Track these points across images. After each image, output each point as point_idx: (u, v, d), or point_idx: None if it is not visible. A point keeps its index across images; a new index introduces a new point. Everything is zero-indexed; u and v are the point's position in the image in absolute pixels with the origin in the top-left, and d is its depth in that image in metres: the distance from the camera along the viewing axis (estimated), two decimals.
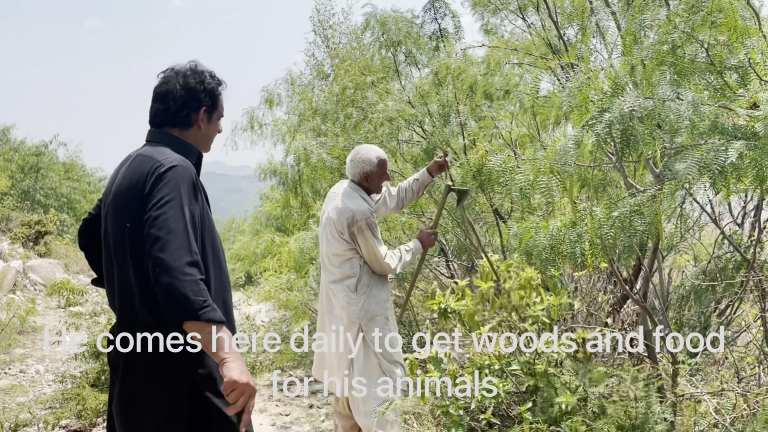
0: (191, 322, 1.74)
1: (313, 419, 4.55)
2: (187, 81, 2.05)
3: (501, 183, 2.51)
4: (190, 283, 1.73)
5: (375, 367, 3.32)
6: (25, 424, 4.42)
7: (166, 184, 1.84)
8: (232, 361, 1.77)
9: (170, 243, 1.75)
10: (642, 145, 2.16)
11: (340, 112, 5.79)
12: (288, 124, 7.28)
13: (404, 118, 5.12)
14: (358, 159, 3.37)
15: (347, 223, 3.22)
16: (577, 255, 2.50)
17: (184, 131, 2.07)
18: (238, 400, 1.77)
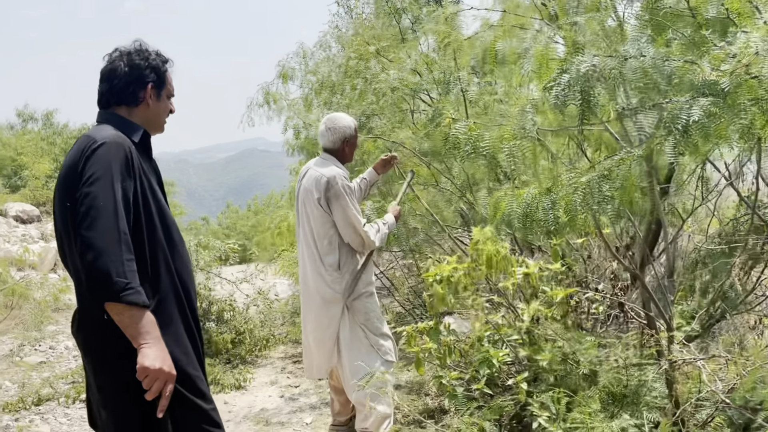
0: (112, 303, 1.73)
1: (321, 391, 4.60)
2: (131, 59, 2.03)
3: (466, 152, 2.44)
4: (115, 263, 1.71)
5: (362, 342, 3.32)
6: (48, 399, 4.61)
7: (96, 162, 1.81)
8: (148, 347, 1.75)
9: (97, 221, 1.72)
10: (602, 108, 2.06)
11: (346, 83, 5.72)
12: (304, 98, 7.26)
13: (409, 87, 5.03)
14: (337, 125, 3.36)
15: (324, 189, 3.18)
16: (550, 222, 2.42)
17: (133, 109, 2.05)
18: (153, 386, 1.76)
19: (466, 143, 2.39)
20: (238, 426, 4.12)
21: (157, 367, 1.76)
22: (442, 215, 5.30)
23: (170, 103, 2.17)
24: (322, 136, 3.40)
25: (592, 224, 3.00)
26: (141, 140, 2.04)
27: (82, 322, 1.95)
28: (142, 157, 2.02)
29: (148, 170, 2.02)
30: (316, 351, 3.35)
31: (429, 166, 5.00)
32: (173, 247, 2.04)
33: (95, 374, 1.95)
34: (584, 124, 2.03)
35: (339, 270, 3.25)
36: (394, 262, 6.86)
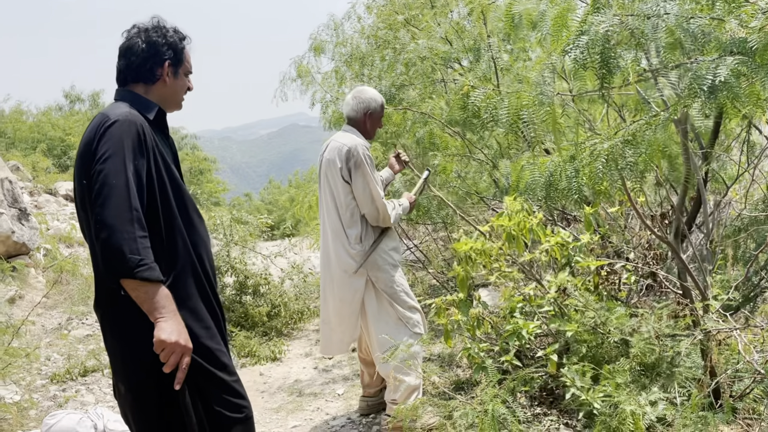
0: (127, 279, 1.75)
1: (353, 363, 4.65)
2: (149, 35, 2.03)
3: (485, 119, 2.37)
4: (128, 240, 1.73)
5: (389, 315, 3.31)
6: (93, 370, 4.79)
7: (109, 139, 1.82)
8: (164, 321, 1.78)
9: (109, 199, 1.74)
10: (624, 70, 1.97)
11: (376, 54, 5.65)
12: (336, 70, 7.21)
13: (439, 56, 4.93)
14: (363, 96, 3.34)
15: (345, 159, 3.16)
16: (573, 191, 2.35)
17: (150, 86, 2.06)
18: (169, 359, 1.80)
19: (485, 111, 2.32)
20: (272, 396, 4.21)
21: (173, 340, 1.79)
22: (477, 185, 5.24)
23: (188, 80, 2.17)
24: (346, 105, 3.38)
25: (622, 192, 2.91)
26: (156, 117, 2.04)
27: (100, 297, 1.99)
28: (157, 134, 2.03)
29: (162, 147, 2.02)
30: (338, 326, 3.34)
31: (462, 136, 4.93)
32: (189, 223, 2.05)
33: (113, 348, 1.99)
34: (605, 88, 1.94)
35: (361, 243, 3.23)
36: (428, 235, 6.83)
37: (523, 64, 4.39)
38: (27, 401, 4.00)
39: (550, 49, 2.10)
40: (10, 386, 4.19)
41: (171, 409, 1.94)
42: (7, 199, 6.80)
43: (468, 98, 2.43)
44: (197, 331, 2.00)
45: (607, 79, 1.97)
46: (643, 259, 3.31)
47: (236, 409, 2.10)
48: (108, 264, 1.75)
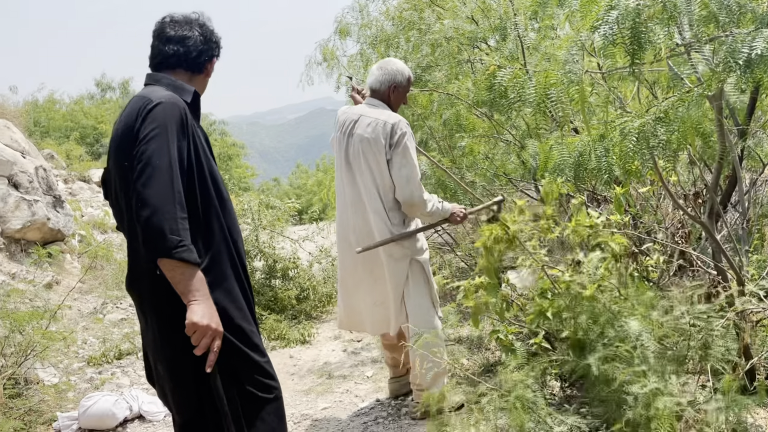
0: (165, 259, 1.77)
1: None
2: (203, 30, 2.13)
3: (512, 99, 2.33)
4: (169, 220, 1.75)
5: (425, 299, 3.23)
6: (128, 353, 4.89)
7: (152, 121, 1.85)
8: (197, 304, 1.80)
9: (152, 179, 1.77)
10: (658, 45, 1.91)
11: (401, 36, 5.60)
12: (361, 53, 7.17)
13: (465, 36, 4.86)
14: (390, 68, 3.15)
15: (390, 133, 2.94)
16: (603, 171, 2.30)
17: (194, 76, 2.14)
18: (201, 342, 1.82)
19: (512, 91, 2.28)
20: (302, 379, 4.25)
21: (205, 323, 1.81)
22: (504, 167, 5.18)
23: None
24: (371, 75, 3.18)
25: (653, 171, 2.84)
26: (192, 101, 2.07)
27: (136, 278, 2.01)
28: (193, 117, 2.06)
29: (198, 129, 2.06)
30: (393, 307, 3.20)
31: (489, 117, 4.87)
32: (224, 206, 2.08)
33: (150, 329, 2.03)
34: (635, 65, 1.89)
35: (405, 225, 3.12)
36: None
37: (551, 42, 4.30)
38: (65, 383, 4.11)
39: (579, 25, 2.05)
40: (48, 369, 4.31)
41: (206, 387, 1.97)
42: (42, 187, 6.95)
43: (494, 78, 2.39)
44: (232, 312, 2.03)
45: (638, 55, 1.92)
46: (673, 239, 3.23)
47: (267, 389, 2.13)
48: (148, 242, 1.77)
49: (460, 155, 4.89)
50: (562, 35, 4.29)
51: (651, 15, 1.89)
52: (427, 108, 5.19)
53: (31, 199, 6.56)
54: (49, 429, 3.61)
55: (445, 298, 5.33)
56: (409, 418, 3.42)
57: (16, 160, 6.70)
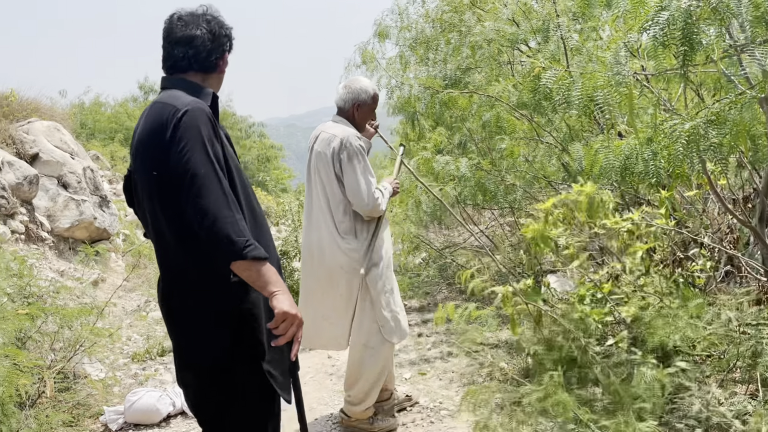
0: (238, 261, 1.78)
1: (420, 347, 4.67)
2: (211, 26, 2.03)
3: (557, 102, 2.30)
4: (231, 224, 1.77)
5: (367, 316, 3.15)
6: (171, 350, 4.99)
7: (186, 129, 1.83)
8: (281, 293, 1.82)
9: (204, 188, 1.77)
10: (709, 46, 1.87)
11: (441, 38, 5.60)
12: (400, 56, 7.20)
13: (506, 38, 4.83)
14: (354, 86, 3.16)
15: (337, 150, 2.98)
16: (650, 174, 2.27)
17: (208, 76, 2.07)
18: (287, 331, 1.83)
19: (557, 93, 2.26)
20: (340, 379, 4.27)
21: (294, 312, 1.83)
22: (545, 169, 5.13)
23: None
24: (336, 94, 3.22)
25: (700, 175, 2.79)
26: (212, 104, 2.03)
27: (169, 290, 2.00)
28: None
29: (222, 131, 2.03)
30: (338, 321, 3.17)
31: (530, 119, 4.83)
32: (253, 209, 2.06)
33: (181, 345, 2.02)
34: (686, 66, 1.86)
35: (356, 238, 3.08)
36: (494, 220, 6.76)
37: (595, 44, 4.25)
38: (111, 378, 4.22)
39: (627, 26, 2.02)
40: (95, 364, 4.43)
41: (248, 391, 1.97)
42: (89, 187, 7.16)
43: (539, 80, 2.37)
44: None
45: (689, 56, 1.88)
46: (721, 244, 3.16)
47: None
48: (218, 250, 1.78)
49: (500, 157, 4.86)
50: (605, 37, 4.24)
51: (702, 16, 1.86)
52: (466, 110, 5.18)
53: (79, 199, 6.76)
54: (95, 422, 3.71)
55: (484, 302, 5.31)
56: (448, 418, 3.42)
57: (65, 161, 6.91)
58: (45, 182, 6.61)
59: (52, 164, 6.74)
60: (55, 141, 7.15)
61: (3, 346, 3.16)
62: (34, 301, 3.97)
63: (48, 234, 6.35)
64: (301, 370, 4.48)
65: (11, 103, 7.49)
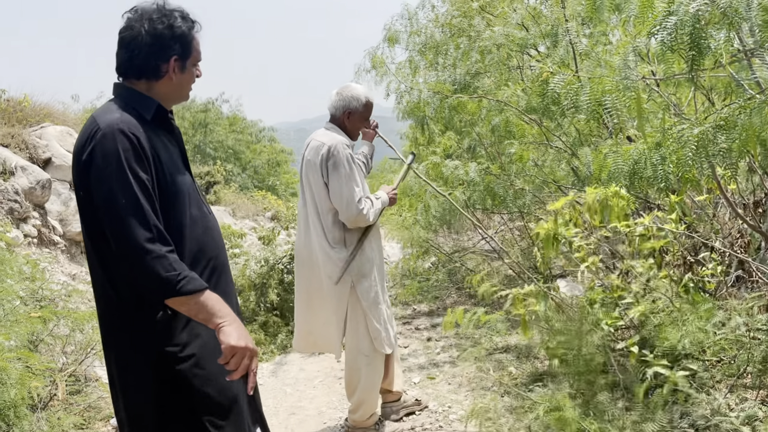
0: (173, 298, 1.65)
1: (429, 351, 4.67)
2: (153, 26, 1.78)
3: (565, 106, 2.30)
4: (157, 260, 1.61)
5: (360, 327, 3.15)
6: None
7: (104, 155, 1.66)
8: (227, 325, 1.67)
9: (124, 222, 1.61)
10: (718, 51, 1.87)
11: (450, 43, 5.61)
12: (410, 60, 7.21)
13: (515, 43, 4.83)
14: (345, 93, 3.16)
15: (325, 156, 2.98)
16: (659, 179, 2.26)
17: (153, 83, 1.83)
18: (239, 365, 1.67)
19: (565, 98, 2.26)
20: None
21: (243, 344, 1.67)
22: (554, 174, 5.12)
23: (197, 69, 1.93)
24: (328, 101, 3.23)
25: (710, 179, 2.78)
26: (155, 116, 1.84)
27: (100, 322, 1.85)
28: (158, 133, 1.84)
29: (165, 147, 1.83)
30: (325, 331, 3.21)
31: (539, 123, 4.83)
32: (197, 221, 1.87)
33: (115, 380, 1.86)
34: (694, 71, 1.86)
35: (345, 247, 3.08)
36: (503, 225, 6.75)
37: (604, 48, 4.25)
38: None
39: (635, 31, 2.03)
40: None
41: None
42: None
43: (547, 85, 2.38)
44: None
45: (697, 61, 1.88)
46: (732, 249, 3.14)
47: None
48: (148, 289, 1.65)
49: (509, 162, 4.86)
50: (615, 41, 4.24)
51: (710, 20, 1.86)
52: (475, 114, 5.18)
53: None
54: (106, 425, 3.74)
55: (494, 306, 5.30)
56: (456, 423, 3.42)
57: None
58: (57, 187, 6.67)
59: (65, 169, 6.81)
60: (67, 146, 7.22)
61: (16, 348, 3.20)
62: (47, 304, 4.01)
63: (60, 238, 6.41)
64: (310, 374, 4.51)
65: (24, 108, 7.57)
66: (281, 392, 4.25)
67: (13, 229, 5.57)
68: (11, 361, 2.97)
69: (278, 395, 4.20)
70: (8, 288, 3.59)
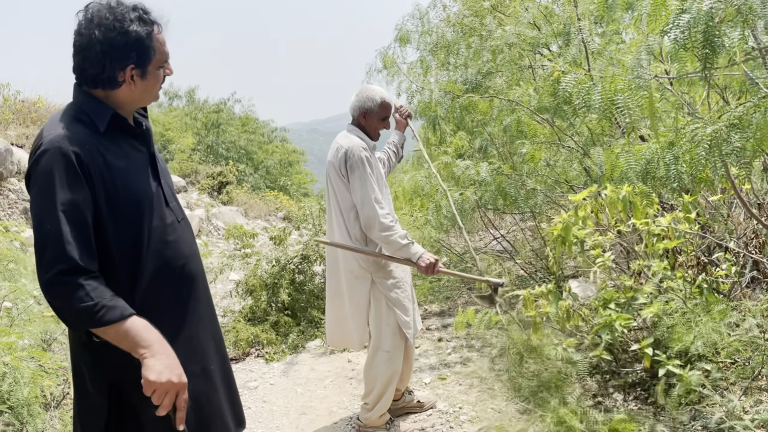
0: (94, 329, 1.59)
1: (440, 352, 4.65)
2: (106, 33, 1.63)
3: (577, 105, 2.29)
4: (70, 291, 1.54)
5: (389, 320, 3.20)
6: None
7: (39, 174, 1.60)
8: (149, 357, 1.57)
9: (43, 252, 1.56)
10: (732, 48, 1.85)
11: (461, 42, 5.59)
12: (421, 60, 7.20)
13: (527, 42, 4.81)
14: (362, 94, 3.24)
15: (343, 161, 3.06)
16: (672, 179, 2.24)
17: (110, 91, 1.71)
18: (163, 401, 1.58)
19: (577, 97, 2.24)
20: (360, 383, 4.28)
21: (165, 380, 1.57)
22: (566, 174, 5.09)
23: (166, 66, 1.80)
24: (350, 103, 3.31)
25: (724, 179, 2.74)
26: (111, 125, 1.72)
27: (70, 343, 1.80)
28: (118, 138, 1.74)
29: (117, 155, 1.71)
30: (353, 324, 3.25)
31: (551, 123, 4.80)
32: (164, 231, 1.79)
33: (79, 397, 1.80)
34: (707, 69, 1.84)
35: (367, 245, 3.13)
36: (515, 225, 6.72)
37: (616, 47, 4.22)
38: None
39: (648, 29, 2.01)
40: None
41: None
42: None
43: (558, 84, 2.36)
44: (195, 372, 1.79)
45: (711, 59, 1.86)
46: (746, 249, 3.10)
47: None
48: (65, 319, 1.60)
49: (521, 162, 4.83)
50: (627, 40, 4.20)
51: (724, 18, 1.84)
52: (487, 114, 5.16)
53: None
54: None
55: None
56: (467, 423, 3.40)
57: None
58: None
59: None
60: None
61: (29, 347, 3.23)
62: None
63: None
64: (321, 373, 4.51)
65: (39, 108, 7.65)
66: (292, 392, 4.25)
67: (27, 229, 5.63)
68: (24, 360, 3.00)
69: (289, 395, 4.20)
70: (22, 287, 3.62)
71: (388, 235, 3.00)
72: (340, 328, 3.36)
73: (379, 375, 3.24)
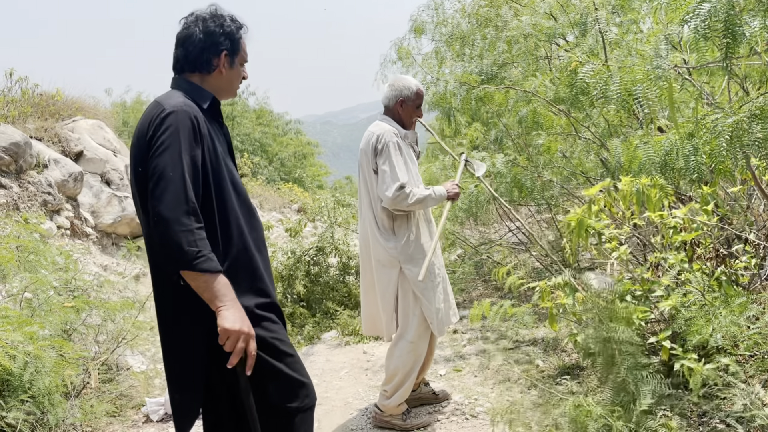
0: (186, 271, 1.78)
1: (455, 344, 4.66)
2: (206, 25, 2.01)
3: (594, 96, 2.26)
4: (185, 233, 1.74)
5: (414, 311, 3.22)
6: None
7: (165, 131, 1.82)
8: (225, 309, 1.79)
9: (166, 192, 1.76)
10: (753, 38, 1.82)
11: (477, 33, 5.55)
12: (436, 51, 7.16)
13: (543, 32, 4.77)
14: (397, 84, 3.28)
15: (373, 146, 3.11)
16: (692, 170, 2.22)
17: (206, 76, 2.04)
18: (236, 347, 1.80)
19: (594, 88, 2.22)
20: (375, 374, 4.30)
21: (237, 328, 1.79)
22: (583, 165, 5.05)
23: (243, 69, 2.14)
24: (384, 93, 3.35)
25: (744, 170, 2.71)
26: (210, 107, 2.03)
27: (156, 288, 2.00)
28: (212, 123, 2.03)
29: (216, 137, 2.01)
30: (384, 313, 3.29)
31: (567, 114, 4.76)
32: (245, 212, 2.04)
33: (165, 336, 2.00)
34: (728, 59, 1.81)
35: (395, 234, 3.18)
36: (530, 217, 6.69)
37: (634, 37, 4.17)
38: (152, 370, 4.33)
39: (667, 19, 1.98)
40: (137, 356, 4.54)
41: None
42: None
43: (576, 75, 2.34)
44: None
45: (732, 48, 1.84)
46: (766, 241, 3.06)
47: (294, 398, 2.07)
48: (167, 257, 1.77)
49: (537, 153, 4.81)
50: (645, 30, 4.15)
51: (745, 7, 1.81)
52: (502, 105, 5.13)
53: (121, 195, 6.93)
54: (138, 413, 3.81)
55: (521, 299, 5.27)
56: (483, 415, 3.41)
57: (108, 158, 7.09)
58: (89, 179, 6.79)
59: (96, 161, 6.93)
60: (98, 139, 7.34)
61: (50, 337, 3.27)
62: (79, 294, 4.09)
63: (92, 229, 6.53)
64: (337, 365, 4.54)
65: (57, 102, 7.72)
66: None
67: (47, 221, 5.69)
68: (46, 350, 3.04)
69: None
70: (43, 278, 3.67)
71: (417, 198, 3.08)
72: (372, 316, 3.40)
73: (401, 364, 3.26)
